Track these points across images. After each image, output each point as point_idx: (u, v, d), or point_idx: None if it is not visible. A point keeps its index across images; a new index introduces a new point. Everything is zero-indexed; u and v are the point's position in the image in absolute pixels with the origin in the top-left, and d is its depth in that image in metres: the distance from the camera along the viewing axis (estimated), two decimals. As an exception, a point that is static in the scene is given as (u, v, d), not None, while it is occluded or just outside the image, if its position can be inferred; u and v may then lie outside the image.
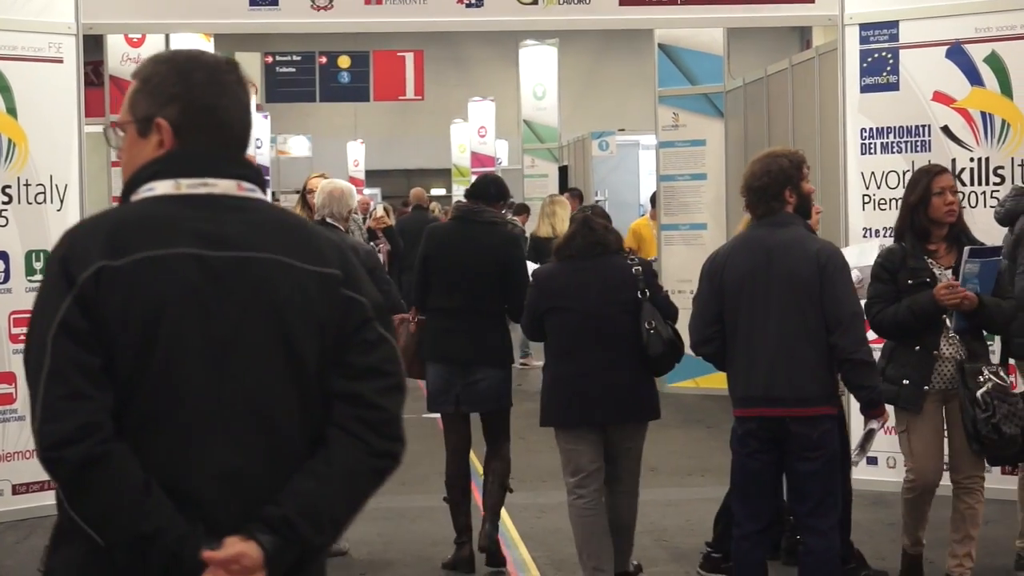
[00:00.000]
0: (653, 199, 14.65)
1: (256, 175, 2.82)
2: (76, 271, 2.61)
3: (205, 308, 2.64)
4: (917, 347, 6.37)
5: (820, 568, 5.75)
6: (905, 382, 6.37)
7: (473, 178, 25.05)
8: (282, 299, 2.70)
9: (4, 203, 8.50)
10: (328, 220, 7.78)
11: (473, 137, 29.74)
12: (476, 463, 8.74)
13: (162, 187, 2.72)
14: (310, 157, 37.01)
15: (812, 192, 6.15)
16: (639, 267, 6.66)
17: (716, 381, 6.92)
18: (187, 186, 2.72)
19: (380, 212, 17.25)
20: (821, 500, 5.70)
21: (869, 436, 5.87)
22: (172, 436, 2.62)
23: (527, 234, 15.36)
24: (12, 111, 8.57)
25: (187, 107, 2.75)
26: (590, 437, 6.62)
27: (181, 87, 2.76)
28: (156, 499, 2.57)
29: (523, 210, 17.84)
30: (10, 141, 8.55)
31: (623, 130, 22.50)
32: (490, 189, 7.50)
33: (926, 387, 6.37)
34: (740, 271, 5.78)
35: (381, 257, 14.17)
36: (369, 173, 38.06)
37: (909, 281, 6.37)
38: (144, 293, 2.61)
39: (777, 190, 5.81)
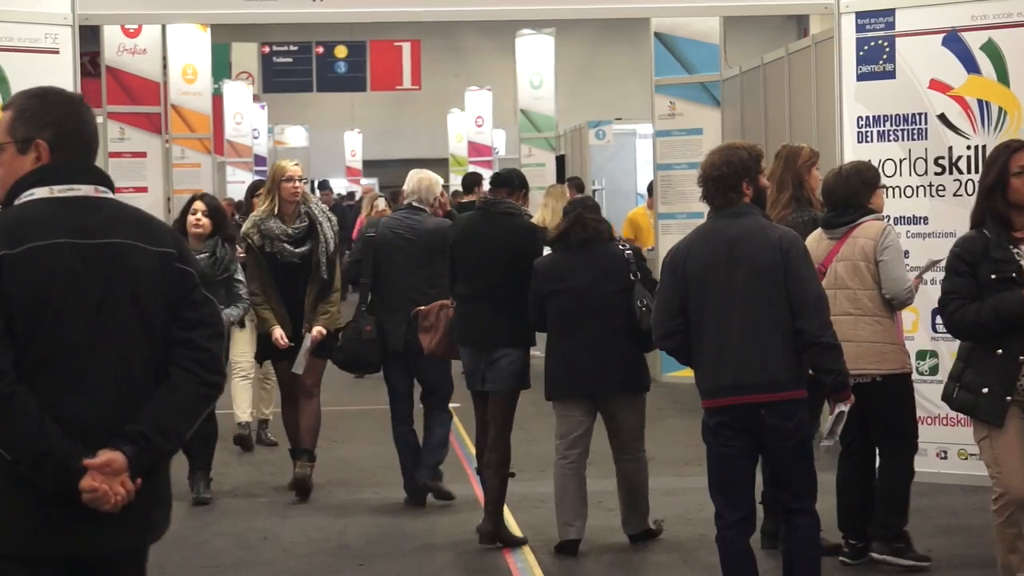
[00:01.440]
0: (650, 188, 14.63)
1: (107, 180, 3.71)
2: None
3: (80, 282, 3.55)
4: (999, 351, 5.73)
5: (808, 542, 5.81)
6: (984, 391, 5.74)
7: (470, 168, 25.10)
8: (135, 273, 3.62)
9: (1, 194, 8.52)
10: (415, 204, 8.60)
11: (470, 127, 29.68)
12: (470, 445, 8.76)
13: (40, 192, 3.62)
14: (307, 147, 36.98)
15: (767, 187, 6.17)
16: (630, 252, 7.38)
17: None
18: (58, 191, 3.62)
19: (382, 206, 17.57)
20: (804, 483, 5.79)
21: (839, 419, 5.85)
22: (60, 378, 3.54)
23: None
24: (9, 102, 8.57)
25: (59, 131, 3.66)
26: (581, 406, 7.34)
27: (54, 116, 3.67)
28: (48, 426, 3.49)
29: (519, 195, 17.88)
30: (7, 132, 8.55)
31: (620, 119, 22.48)
32: (513, 177, 8.10)
33: (1009, 397, 5.71)
34: (703, 263, 5.78)
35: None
36: (366, 163, 37.99)
37: (992, 275, 5.73)
38: (35, 272, 3.52)
39: (735, 181, 5.81)
